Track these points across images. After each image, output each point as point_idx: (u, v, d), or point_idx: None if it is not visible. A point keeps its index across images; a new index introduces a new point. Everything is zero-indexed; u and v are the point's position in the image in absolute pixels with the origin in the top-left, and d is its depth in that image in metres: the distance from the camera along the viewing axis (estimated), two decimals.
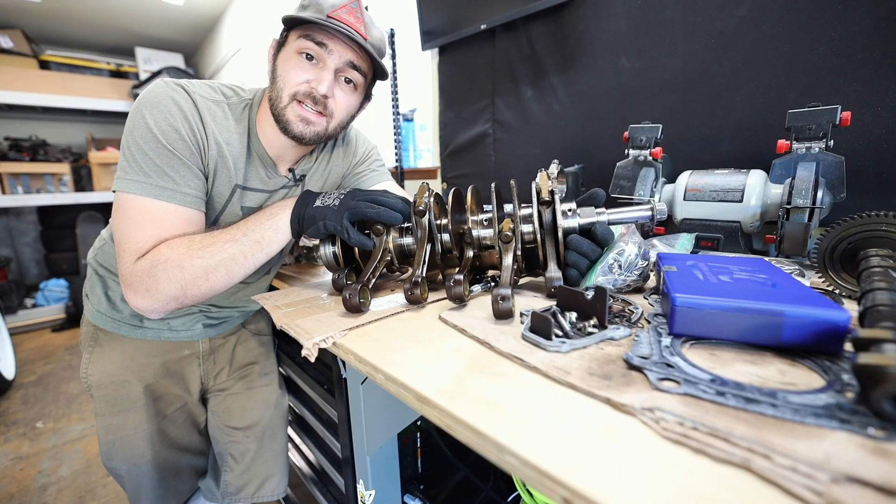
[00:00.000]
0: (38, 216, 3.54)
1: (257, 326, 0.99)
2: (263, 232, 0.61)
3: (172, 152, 0.60)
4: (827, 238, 0.49)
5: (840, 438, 0.25)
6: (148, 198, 0.59)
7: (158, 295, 0.57)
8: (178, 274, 0.57)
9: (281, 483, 0.98)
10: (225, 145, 0.67)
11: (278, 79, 0.67)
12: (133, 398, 0.81)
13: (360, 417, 0.68)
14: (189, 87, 0.64)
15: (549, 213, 0.58)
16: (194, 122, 0.62)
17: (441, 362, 0.39)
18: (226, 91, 0.71)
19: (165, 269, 0.56)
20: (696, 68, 1.04)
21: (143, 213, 0.59)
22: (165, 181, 0.60)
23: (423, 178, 1.98)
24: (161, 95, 0.61)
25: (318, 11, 0.64)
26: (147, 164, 0.59)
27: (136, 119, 0.60)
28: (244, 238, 0.60)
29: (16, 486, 1.52)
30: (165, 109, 0.60)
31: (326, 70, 0.66)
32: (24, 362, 2.56)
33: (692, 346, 0.39)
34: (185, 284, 0.57)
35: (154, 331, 0.82)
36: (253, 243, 0.60)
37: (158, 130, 0.59)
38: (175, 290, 0.57)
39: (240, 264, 0.60)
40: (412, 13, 1.72)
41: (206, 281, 0.58)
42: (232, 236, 0.60)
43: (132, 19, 3.23)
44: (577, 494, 0.23)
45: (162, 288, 0.57)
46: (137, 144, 0.59)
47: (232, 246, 0.59)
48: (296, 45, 0.65)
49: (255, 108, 0.72)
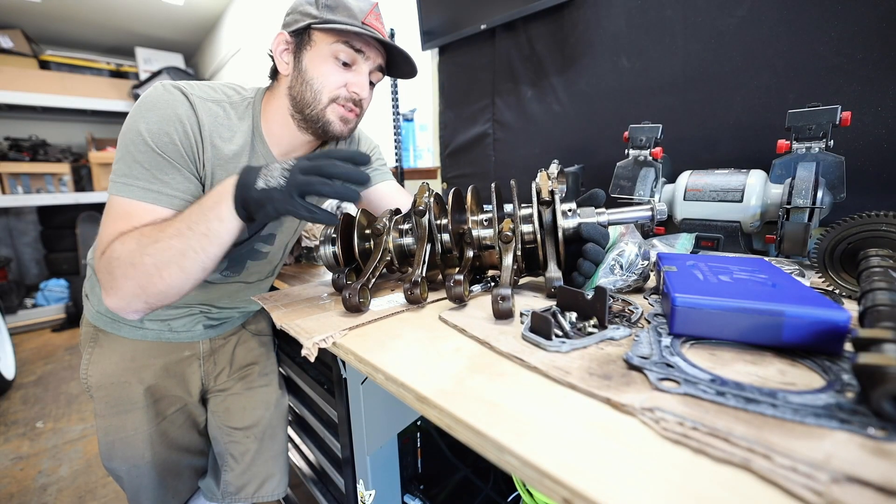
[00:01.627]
0: (38, 216, 3.55)
1: (258, 327, 0.99)
2: (209, 224, 0.55)
3: (162, 156, 0.60)
4: (827, 238, 0.49)
5: (840, 438, 0.25)
6: (133, 200, 0.58)
7: (120, 293, 0.55)
8: (132, 271, 0.54)
9: (281, 483, 0.98)
10: (223, 145, 0.66)
11: (313, 81, 0.67)
12: (133, 399, 0.81)
13: (360, 417, 0.68)
14: (187, 90, 0.64)
15: (549, 213, 0.58)
16: (190, 125, 0.62)
17: (441, 362, 0.39)
18: (227, 91, 0.70)
19: (120, 266, 0.54)
20: (696, 68, 1.04)
21: (120, 212, 0.58)
22: (153, 183, 0.59)
23: (423, 178, 1.98)
24: (156, 99, 0.61)
25: (350, 16, 0.65)
26: (136, 168, 0.59)
27: (130, 123, 0.60)
28: (189, 232, 0.55)
29: (16, 486, 1.52)
30: (160, 113, 0.60)
31: (363, 74, 0.69)
32: (24, 362, 2.56)
33: (692, 346, 0.39)
34: (140, 282, 0.54)
35: (154, 332, 0.82)
36: (201, 236, 0.55)
37: (150, 135, 0.59)
38: (133, 287, 0.55)
39: (192, 260, 0.55)
40: (412, 13, 1.72)
41: (161, 279, 0.54)
42: (178, 230, 0.55)
43: (132, 19, 3.23)
44: (577, 494, 0.23)
45: (120, 285, 0.55)
46: (127, 148, 0.59)
47: (179, 241, 0.54)
48: (331, 48, 0.66)
49: (258, 107, 0.72)
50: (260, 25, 2.69)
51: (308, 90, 0.67)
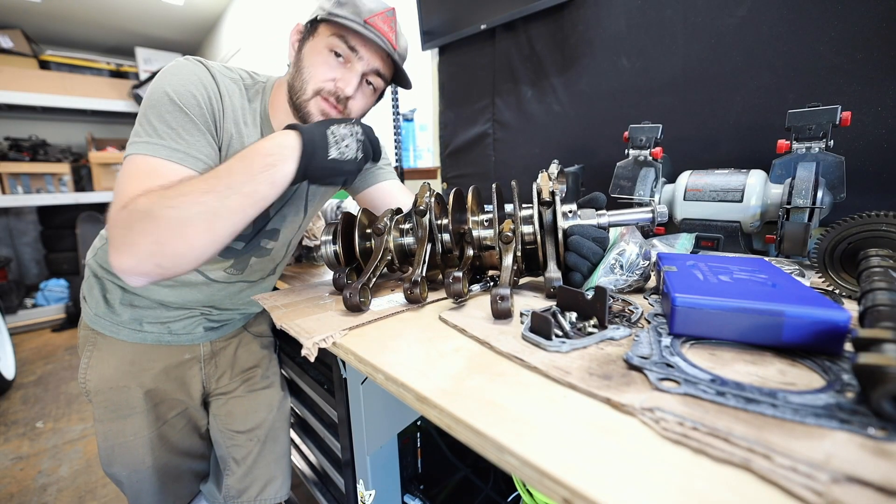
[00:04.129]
0: (38, 216, 3.55)
1: (259, 329, 0.99)
2: (256, 185, 0.51)
3: (188, 115, 0.59)
4: (827, 238, 0.49)
5: (840, 438, 0.25)
6: (158, 158, 0.55)
7: (134, 249, 0.49)
8: (151, 225, 0.48)
9: (283, 486, 0.97)
10: (239, 121, 0.67)
11: (304, 70, 0.67)
12: (133, 404, 0.80)
13: (360, 417, 0.68)
14: (208, 63, 0.65)
15: (549, 213, 0.58)
16: (213, 92, 0.63)
17: (441, 362, 0.39)
18: (242, 73, 0.72)
19: (140, 220, 0.49)
20: (696, 68, 1.04)
21: (146, 169, 0.54)
22: (178, 143, 0.57)
23: (423, 178, 1.98)
24: (181, 65, 0.62)
25: (355, 13, 0.64)
26: (162, 126, 0.56)
27: (153, 88, 0.59)
28: (228, 191, 0.50)
29: (16, 486, 1.52)
30: (185, 77, 0.61)
31: (354, 73, 0.68)
32: (24, 362, 2.56)
33: (692, 346, 0.39)
34: (159, 238, 0.49)
35: (154, 334, 0.81)
36: (242, 197, 0.51)
37: (176, 95, 0.59)
38: (150, 244, 0.49)
39: (225, 220, 0.51)
40: (412, 13, 1.72)
41: (183, 237, 0.49)
42: (212, 186, 0.50)
43: (132, 19, 3.23)
44: (577, 494, 0.23)
45: (137, 240, 0.49)
46: (154, 108, 0.57)
47: (213, 198, 0.50)
48: (327, 41, 0.66)
49: (268, 93, 0.72)
50: (260, 25, 2.69)
51: (298, 78, 0.68)
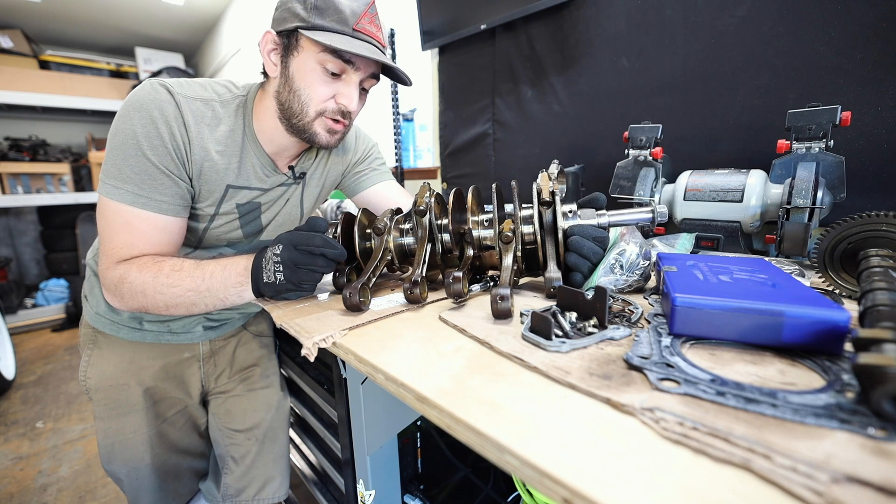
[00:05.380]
0: (38, 216, 3.55)
1: (259, 328, 0.99)
2: (227, 294, 0.61)
3: (149, 160, 0.61)
4: (827, 238, 0.49)
5: (840, 438, 0.25)
6: (123, 204, 0.61)
7: (124, 303, 0.63)
8: (141, 299, 0.61)
9: (282, 486, 0.97)
10: (213, 145, 0.66)
11: (300, 92, 0.64)
12: (132, 402, 0.81)
13: (360, 417, 0.68)
14: (174, 88, 0.63)
15: (549, 213, 0.58)
16: (176, 125, 0.62)
17: (441, 362, 0.39)
18: (217, 89, 0.69)
19: (131, 291, 0.61)
20: (696, 68, 1.04)
21: (119, 219, 0.62)
22: (141, 189, 0.61)
23: (423, 178, 1.98)
24: (143, 99, 0.61)
25: (340, 21, 0.60)
26: (125, 169, 0.60)
27: (119, 123, 0.61)
28: (208, 293, 0.61)
29: (16, 486, 1.52)
30: (147, 114, 0.60)
31: (352, 85, 0.66)
32: (24, 362, 2.56)
33: (692, 346, 0.39)
34: (146, 307, 0.62)
35: (153, 333, 0.81)
36: (217, 300, 0.61)
37: (137, 138, 0.60)
38: (138, 306, 0.63)
39: (200, 308, 0.62)
40: (412, 13, 1.72)
41: (166, 311, 0.62)
42: (196, 285, 0.60)
43: (132, 19, 3.23)
44: (577, 494, 0.23)
45: (127, 301, 0.62)
46: (118, 149, 0.61)
47: (194, 295, 0.60)
48: (318, 57, 0.62)
49: (250, 105, 0.70)
50: (260, 25, 2.69)
51: (295, 100, 0.64)
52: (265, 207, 0.76)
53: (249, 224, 0.75)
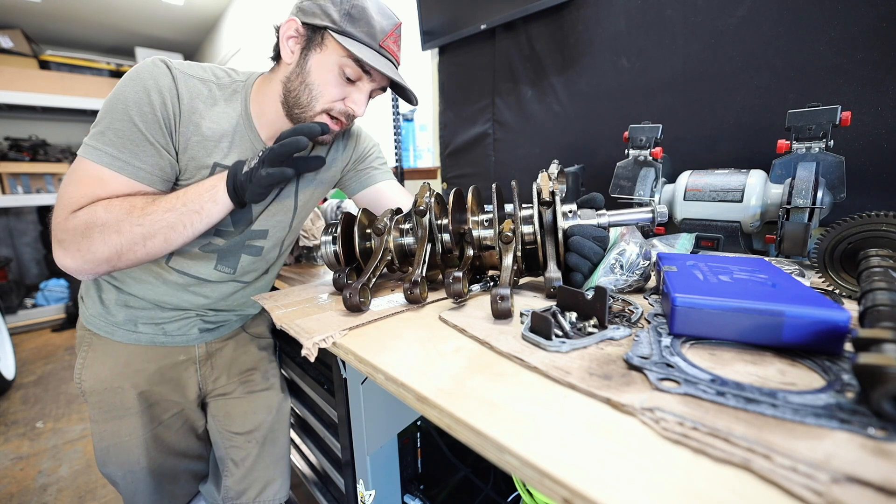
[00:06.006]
0: (38, 216, 3.55)
1: (257, 330, 0.98)
2: (203, 203, 0.61)
3: (135, 126, 0.60)
4: (827, 238, 0.49)
5: (840, 438, 0.25)
6: (100, 165, 0.59)
7: (90, 256, 0.58)
8: (115, 238, 0.57)
9: (282, 488, 0.97)
10: (203, 123, 0.66)
11: (313, 86, 0.66)
12: (127, 405, 0.80)
13: (360, 417, 0.68)
14: (172, 64, 0.65)
15: (549, 213, 0.58)
16: (169, 96, 0.63)
17: (441, 362, 0.39)
18: (218, 72, 0.70)
19: (102, 233, 0.57)
20: (696, 68, 1.04)
21: (91, 176, 0.60)
22: (121, 153, 0.60)
23: (423, 178, 1.98)
24: (141, 70, 0.62)
25: (369, 35, 0.64)
26: (109, 133, 0.60)
27: (113, 92, 0.62)
28: (184, 208, 0.60)
29: (16, 486, 1.52)
30: (142, 83, 0.61)
31: (363, 93, 0.69)
32: (24, 362, 2.56)
33: (692, 346, 0.39)
34: (120, 249, 0.58)
35: (148, 335, 0.80)
36: (192, 213, 0.61)
37: (127, 103, 0.60)
38: (109, 252, 0.58)
39: (178, 233, 0.61)
40: (412, 13, 1.72)
41: (143, 247, 0.59)
42: (172, 205, 0.60)
43: (132, 19, 3.24)
44: (577, 494, 0.23)
45: (95, 249, 0.58)
46: (109, 114, 0.61)
47: (171, 215, 0.59)
48: (340, 60, 0.65)
49: (248, 91, 0.71)
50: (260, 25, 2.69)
51: (305, 92, 0.67)
52: None
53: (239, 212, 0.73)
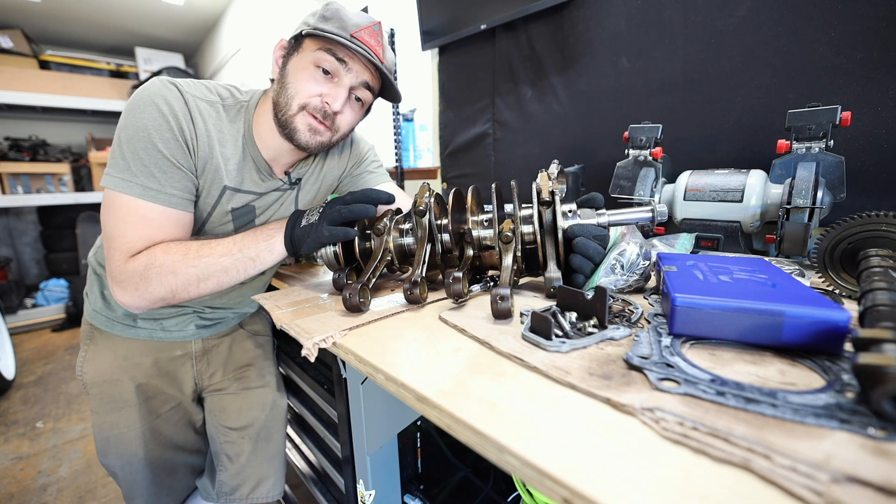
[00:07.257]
0: (38, 216, 3.54)
1: (254, 327, 0.99)
2: (259, 251, 0.63)
3: (160, 152, 0.61)
4: (827, 238, 0.49)
5: (840, 438, 0.25)
6: (134, 197, 0.60)
7: (147, 295, 0.60)
8: (171, 279, 0.59)
9: (276, 485, 0.98)
10: (217, 146, 0.67)
11: (289, 86, 0.67)
12: (125, 397, 0.82)
13: (360, 417, 0.68)
14: (182, 87, 0.64)
15: (549, 213, 0.58)
16: (185, 121, 0.63)
17: (441, 362, 0.39)
18: (221, 92, 0.71)
19: (160, 274, 0.59)
20: (696, 68, 1.04)
21: (133, 213, 0.60)
22: (151, 181, 0.60)
23: (423, 178, 1.98)
24: (154, 94, 0.62)
25: (341, 28, 0.65)
26: (135, 162, 0.60)
27: (128, 116, 0.61)
28: (240, 254, 0.62)
29: (16, 486, 1.52)
30: (157, 108, 0.61)
31: (342, 87, 0.68)
32: (24, 362, 2.56)
33: (692, 346, 0.39)
34: (175, 289, 0.60)
35: (146, 331, 0.82)
36: (247, 260, 0.62)
37: (148, 130, 0.60)
38: (164, 293, 0.60)
39: (231, 276, 0.62)
40: (412, 13, 1.72)
41: (196, 288, 0.61)
42: (228, 250, 0.61)
43: (132, 19, 3.23)
44: (577, 494, 0.23)
45: (153, 290, 0.59)
46: (128, 142, 0.60)
47: (227, 259, 0.61)
48: (314, 56, 0.66)
49: (251, 110, 0.72)
50: (260, 25, 2.69)
51: (283, 94, 0.67)
52: (259, 211, 0.77)
53: (243, 228, 0.76)
